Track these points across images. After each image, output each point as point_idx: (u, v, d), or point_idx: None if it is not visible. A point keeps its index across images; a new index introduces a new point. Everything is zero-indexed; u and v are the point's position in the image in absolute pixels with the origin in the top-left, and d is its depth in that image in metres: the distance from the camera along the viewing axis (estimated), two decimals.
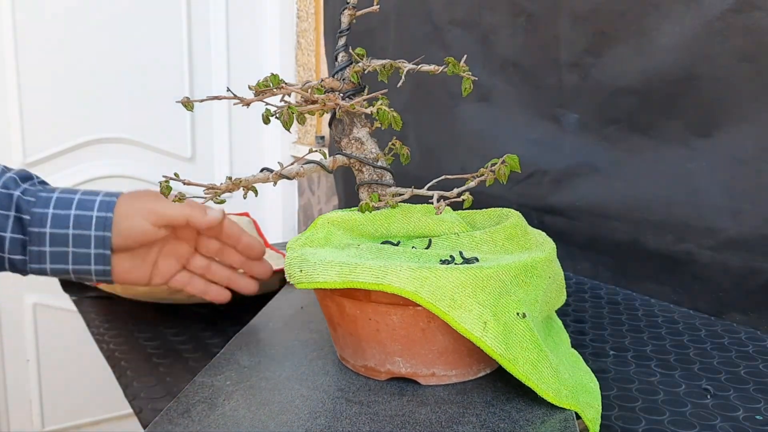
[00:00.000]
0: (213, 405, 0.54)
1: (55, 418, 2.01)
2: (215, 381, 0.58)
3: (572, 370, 0.58)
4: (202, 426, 0.50)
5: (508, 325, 0.52)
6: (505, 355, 0.51)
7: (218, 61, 2.11)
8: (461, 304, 0.51)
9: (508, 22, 1.09)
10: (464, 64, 0.60)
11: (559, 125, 1.04)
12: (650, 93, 0.90)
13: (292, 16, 2.15)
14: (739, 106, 0.81)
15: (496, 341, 0.51)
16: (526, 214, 0.66)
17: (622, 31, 0.92)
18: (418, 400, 0.54)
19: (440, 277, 0.51)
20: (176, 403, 0.54)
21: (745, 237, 0.81)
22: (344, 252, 0.59)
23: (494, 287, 0.52)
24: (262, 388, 0.57)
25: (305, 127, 2.16)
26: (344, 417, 0.52)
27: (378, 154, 0.64)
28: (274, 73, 0.60)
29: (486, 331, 0.51)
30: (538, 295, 0.56)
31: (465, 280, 0.52)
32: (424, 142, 1.30)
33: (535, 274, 0.56)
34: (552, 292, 0.61)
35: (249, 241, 0.78)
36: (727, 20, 0.80)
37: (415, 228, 0.63)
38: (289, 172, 0.62)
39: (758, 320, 0.80)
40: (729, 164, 0.83)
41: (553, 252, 0.60)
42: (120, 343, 0.81)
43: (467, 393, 0.55)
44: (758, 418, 0.59)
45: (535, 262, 0.56)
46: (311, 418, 0.51)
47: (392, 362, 0.57)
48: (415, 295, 0.51)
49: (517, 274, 0.54)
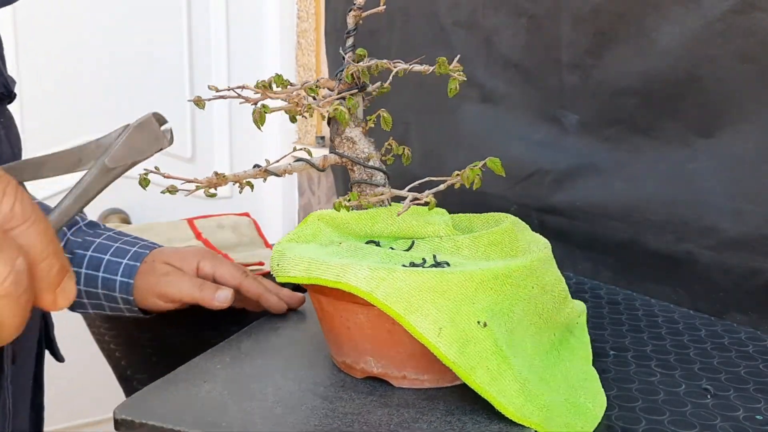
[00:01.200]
0: (193, 385, 0.57)
1: (55, 418, 2.00)
2: (209, 364, 0.61)
3: (564, 389, 0.55)
4: (173, 402, 0.54)
5: (466, 333, 0.50)
6: (460, 363, 0.50)
7: (218, 61, 2.11)
8: (418, 308, 0.50)
9: (511, 24, 1.09)
10: (457, 63, 0.60)
11: (560, 126, 1.04)
12: (651, 94, 0.90)
13: (293, 16, 2.15)
14: (740, 107, 0.81)
15: (450, 348, 0.50)
16: (526, 214, 0.66)
17: (623, 32, 0.92)
18: (382, 401, 0.54)
19: (397, 279, 0.51)
20: (162, 381, 0.58)
21: (745, 237, 0.81)
22: (324, 249, 0.59)
23: (456, 293, 0.51)
24: (245, 375, 0.59)
25: (305, 128, 2.16)
26: (301, 409, 0.53)
27: (369, 153, 0.64)
28: (278, 74, 0.60)
29: (440, 337, 0.50)
30: (514, 305, 0.54)
31: (423, 283, 0.50)
32: (426, 142, 1.30)
33: (508, 283, 0.53)
34: (545, 303, 0.58)
35: (269, 299, 0.77)
36: (728, 21, 0.80)
37: (399, 229, 0.62)
38: (277, 169, 0.62)
39: (758, 320, 0.80)
40: (730, 164, 0.83)
41: (543, 262, 0.58)
42: (120, 343, 0.81)
43: (434, 399, 0.54)
44: (758, 418, 0.59)
45: (510, 270, 0.54)
46: (272, 407, 0.54)
47: (365, 361, 0.57)
48: (369, 295, 0.51)
49: (483, 281, 0.52)
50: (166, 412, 0.53)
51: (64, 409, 2.00)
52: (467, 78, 0.61)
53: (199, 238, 1.24)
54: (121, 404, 0.54)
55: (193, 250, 0.80)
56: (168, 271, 0.76)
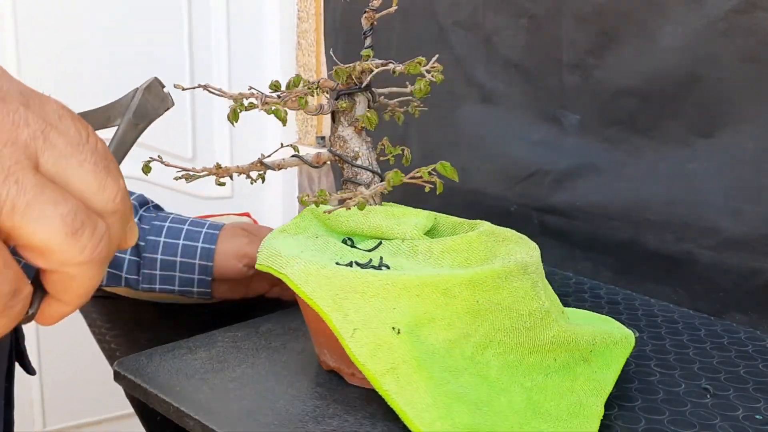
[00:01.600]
0: (175, 356, 0.62)
1: (56, 418, 2.01)
2: (208, 339, 0.67)
3: (522, 418, 0.51)
4: (148, 369, 0.61)
5: (379, 338, 0.49)
6: (369, 367, 0.49)
7: (219, 62, 2.11)
8: (339, 307, 0.50)
9: (511, 24, 1.10)
10: (436, 63, 0.60)
11: (560, 126, 1.04)
12: (652, 94, 0.90)
13: (293, 17, 2.15)
14: (740, 107, 0.82)
15: (361, 350, 0.49)
16: (526, 214, 0.66)
17: (624, 32, 0.92)
18: (319, 394, 0.56)
19: (323, 276, 0.51)
20: (153, 350, 0.64)
21: (745, 237, 0.81)
22: (303, 242, 0.60)
23: (375, 296, 0.50)
24: (227, 346, 0.65)
25: (306, 128, 2.16)
26: (250, 386, 0.58)
27: (357, 152, 0.65)
28: (298, 74, 0.62)
29: (353, 338, 0.50)
30: (456, 319, 0.51)
31: (346, 283, 0.51)
32: (426, 142, 1.30)
33: (439, 292, 0.51)
34: (502, 321, 0.54)
35: None
36: (731, 21, 0.80)
37: (370, 228, 0.61)
38: (272, 163, 0.63)
39: (758, 320, 0.80)
40: (730, 164, 0.83)
41: (498, 277, 0.53)
42: (121, 343, 0.82)
43: (371, 401, 0.53)
44: (758, 418, 0.59)
45: (441, 279, 0.51)
46: (225, 381, 0.59)
47: (323, 353, 0.59)
48: (299, 288, 0.52)
49: (407, 287, 0.50)
50: (161, 377, 0.59)
51: (64, 409, 2.00)
52: (467, 78, 0.61)
53: None
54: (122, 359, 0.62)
55: (262, 226, 0.84)
56: (248, 235, 0.80)
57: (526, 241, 0.63)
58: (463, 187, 0.61)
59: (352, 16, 1.51)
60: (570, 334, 0.57)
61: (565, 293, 0.92)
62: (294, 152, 0.65)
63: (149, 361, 0.62)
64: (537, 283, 0.57)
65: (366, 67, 0.61)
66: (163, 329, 0.84)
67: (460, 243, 0.58)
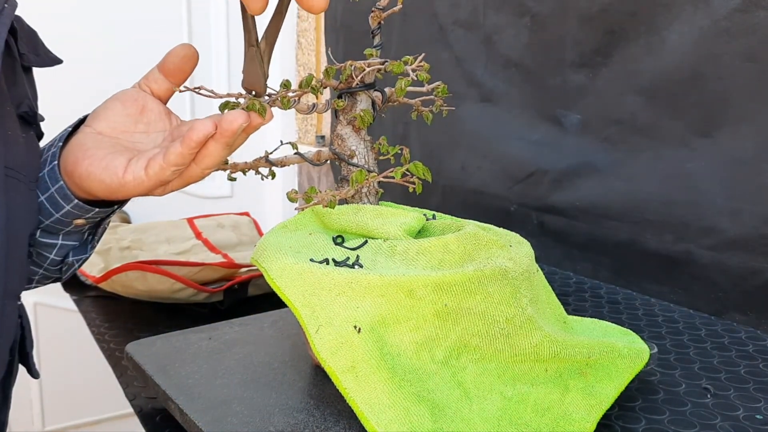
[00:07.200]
0: (168, 341, 0.67)
1: (55, 417, 2.01)
2: (208, 331, 0.70)
3: (489, 427, 0.50)
4: (147, 352, 0.66)
5: (342, 336, 0.50)
6: (331, 364, 0.49)
7: (219, 62, 2.12)
8: (308, 303, 0.51)
9: (512, 23, 1.09)
10: (423, 62, 0.61)
11: (560, 126, 1.04)
12: (653, 94, 0.90)
13: (293, 16, 2.15)
14: (740, 106, 0.81)
15: (323, 347, 0.50)
16: (526, 213, 0.65)
17: (627, 32, 0.92)
18: (299, 389, 0.58)
19: (295, 271, 0.52)
20: (154, 336, 0.69)
21: (744, 237, 0.81)
22: (293, 238, 0.60)
23: (339, 294, 0.51)
24: (225, 340, 0.68)
25: (306, 127, 2.16)
26: (238, 376, 0.60)
27: (352, 151, 0.65)
28: (311, 74, 0.62)
29: (317, 334, 0.50)
30: (423, 321, 0.51)
31: (315, 280, 0.51)
32: (426, 142, 1.30)
33: (404, 294, 0.50)
34: (477, 327, 0.52)
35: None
36: (733, 20, 0.80)
37: (358, 227, 0.61)
38: (275, 160, 0.64)
39: (758, 320, 0.80)
40: (729, 164, 0.83)
41: (469, 282, 0.52)
42: (120, 343, 0.82)
43: (344, 400, 0.52)
44: (758, 418, 0.59)
45: (406, 281, 0.51)
46: (217, 370, 0.61)
47: (310, 348, 0.58)
48: (273, 282, 0.53)
49: (371, 287, 0.50)
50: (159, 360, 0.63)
51: (64, 409, 2.00)
52: (467, 78, 0.61)
53: (199, 238, 1.24)
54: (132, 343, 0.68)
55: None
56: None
57: (517, 246, 0.61)
58: (463, 186, 0.61)
59: (353, 15, 1.51)
60: (561, 345, 0.55)
61: (566, 293, 0.92)
62: (294, 150, 0.66)
63: (152, 345, 0.68)
64: (519, 290, 0.54)
65: (359, 66, 0.62)
66: (163, 329, 0.84)
67: (436, 245, 0.56)
